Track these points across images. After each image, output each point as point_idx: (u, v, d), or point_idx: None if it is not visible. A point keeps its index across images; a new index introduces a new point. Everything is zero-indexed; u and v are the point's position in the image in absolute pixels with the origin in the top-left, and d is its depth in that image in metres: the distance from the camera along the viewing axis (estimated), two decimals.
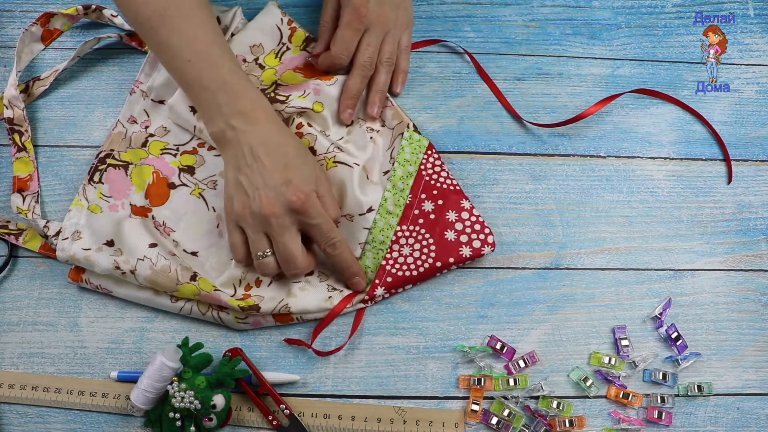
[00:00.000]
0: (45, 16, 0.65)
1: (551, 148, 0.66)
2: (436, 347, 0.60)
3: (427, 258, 0.59)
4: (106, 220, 0.59)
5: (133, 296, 0.58)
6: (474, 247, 0.59)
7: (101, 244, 0.58)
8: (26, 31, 0.64)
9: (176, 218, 0.60)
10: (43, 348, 0.59)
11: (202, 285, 0.56)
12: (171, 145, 0.63)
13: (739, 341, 0.61)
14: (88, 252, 0.57)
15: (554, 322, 0.61)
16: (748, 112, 0.69)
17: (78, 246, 0.57)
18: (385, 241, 0.59)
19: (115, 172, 0.61)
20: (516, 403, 0.58)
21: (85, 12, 0.66)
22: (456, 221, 0.60)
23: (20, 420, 0.57)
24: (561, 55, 0.69)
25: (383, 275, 0.59)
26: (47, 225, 0.59)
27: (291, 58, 0.65)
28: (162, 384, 0.53)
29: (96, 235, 0.58)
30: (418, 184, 0.61)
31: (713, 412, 0.60)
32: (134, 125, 0.63)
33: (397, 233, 0.60)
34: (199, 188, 0.61)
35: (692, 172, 0.66)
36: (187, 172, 0.62)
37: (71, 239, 0.57)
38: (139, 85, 0.64)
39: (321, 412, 0.58)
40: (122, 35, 0.66)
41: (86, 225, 0.58)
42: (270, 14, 0.65)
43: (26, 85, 0.65)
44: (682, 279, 0.63)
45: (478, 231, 0.60)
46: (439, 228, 0.60)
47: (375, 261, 0.59)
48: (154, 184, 0.61)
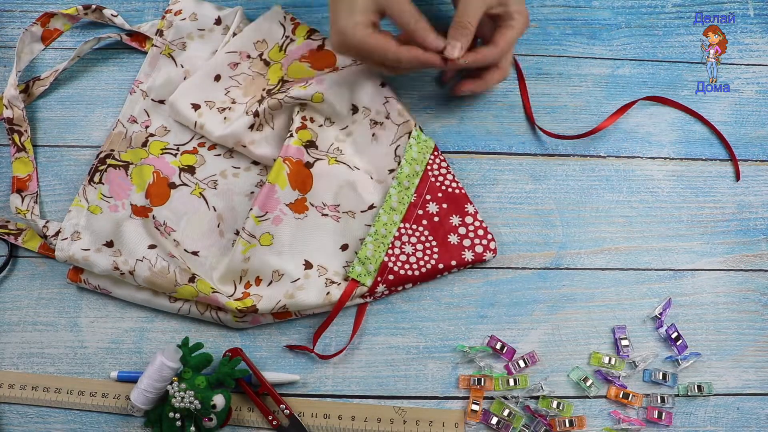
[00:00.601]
0: (45, 16, 0.65)
1: (551, 148, 0.66)
2: (436, 347, 0.60)
3: (430, 259, 0.59)
4: (105, 221, 0.59)
5: (132, 297, 0.58)
6: (476, 252, 0.60)
7: (100, 245, 0.58)
8: (26, 31, 0.64)
9: (176, 218, 0.60)
10: (43, 348, 0.59)
11: (201, 287, 0.56)
12: (171, 145, 0.63)
13: (739, 341, 0.62)
14: (87, 252, 0.57)
15: (554, 322, 0.61)
16: (748, 112, 0.69)
17: (77, 246, 0.57)
18: (387, 235, 0.59)
19: (115, 172, 0.61)
20: (516, 403, 0.58)
21: (85, 12, 0.66)
22: (459, 225, 0.60)
23: (20, 420, 0.57)
24: (561, 55, 0.69)
25: (385, 272, 0.59)
26: (46, 225, 0.59)
27: (296, 48, 0.64)
28: (162, 384, 0.53)
29: (95, 235, 0.58)
30: (424, 184, 0.61)
31: (713, 412, 0.60)
32: (134, 125, 0.63)
33: (400, 230, 0.59)
34: (199, 188, 0.61)
35: (692, 172, 0.66)
36: (187, 171, 0.62)
37: (70, 239, 0.58)
38: (140, 85, 0.64)
39: (321, 412, 0.58)
40: (122, 35, 0.66)
41: (86, 226, 0.59)
42: (273, 14, 0.65)
43: (26, 85, 0.65)
44: (682, 279, 0.63)
45: (481, 236, 0.60)
46: (443, 231, 0.60)
47: (376, 253, 0.59)
48: (155, 183, 0.61)
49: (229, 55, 0.64)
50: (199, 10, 0.66)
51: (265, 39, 0.65)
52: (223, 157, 0.63)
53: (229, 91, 0.63)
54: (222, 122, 0.61)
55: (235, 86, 0.63)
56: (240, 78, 0.64)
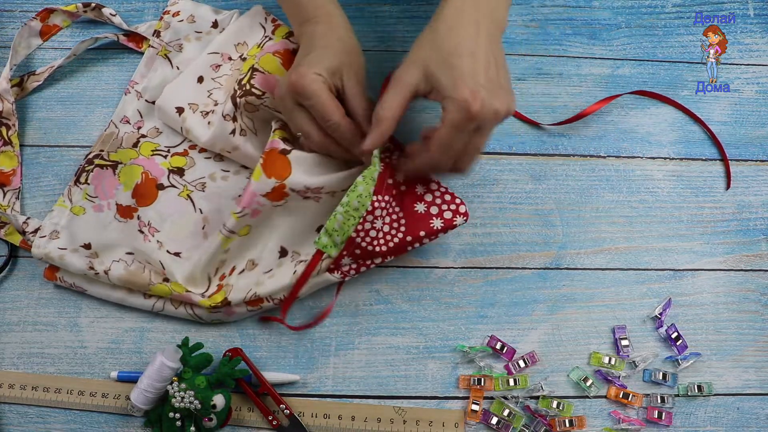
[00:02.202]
0: (45, 12, 0.65)
1: (551, 148, 0.66)
2: (436, 347, 0.60)
3: (397, 232, 0.56)
4: (87, 224, 0.59)
5: (107, 295, 0.59)
6: (445, 218, 0.56)
7: (78, 246, 0.58)
8: (25, 25, 0.64)
9: (161, 219, 0.60)
10: (43, 348, 0.59)
11: (174, 287, 0.57)
12: (162, 147, 0.63)
13: (739, 341, 0.62)
14: (63, 252, 0.57)
15: (554, 322, 0.61)
16: (748, 112, 0.69)
17: (54, 245, 0.57)
18: (359, 209, 0.54)
19: (103, 171, 0.61)
20: (516, 403, 0.58)
21: (85, 9, 0.66)
22: (425, 193, 0.57)
23: (20, 420, 0.57)
24: (561, 55, 0.69)
25: (351, 246, 0.56)
26: (27, 221, 0.59)
27: (272, 44, 0.62)
28: (162, 384, 0.53)
29: (74, 237, 0.58)
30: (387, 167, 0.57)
31: (713, 412, 0.60)
32: (127, 125, 0.63)
33: (374, 203, 0.54)
34: (187, 190, 0.61)
35: (692, 172, 0.66)
36: (176, 173, 0.62)
37: (48, 237, 0.58)
38: (135, 86, 0.64)
39: (321, 412, 0.58)
40: (119, 36, 0.66)
41: (66, 226, 0.59)
42: (255, 14, 0.65)
43: (21, 79, 0.64)
44: (682, 279, 0.63)
45: (449, 201, 0.57)
46: (408, 200, 0.57)
47: (345, 225, 0.55)
48: (143, 184, 0.60)
49: (212, 56, 0.64)
50: (197, 12, 0.66)
51: (246, 41, 0.64)
52: (213, 160, 0.62)
53: (211, 93, 0.63)
54: (206, 126, 0.61)
55: (217, 88, 0.63)
56: (222, 80, 0.63)
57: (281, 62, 0.59)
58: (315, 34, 0.55)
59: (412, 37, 0.69)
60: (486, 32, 0.50)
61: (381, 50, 0.68)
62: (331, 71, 0.52)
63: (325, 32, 0.55)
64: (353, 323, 0.60)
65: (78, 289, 0.59)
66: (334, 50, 0.54)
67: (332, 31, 0.55)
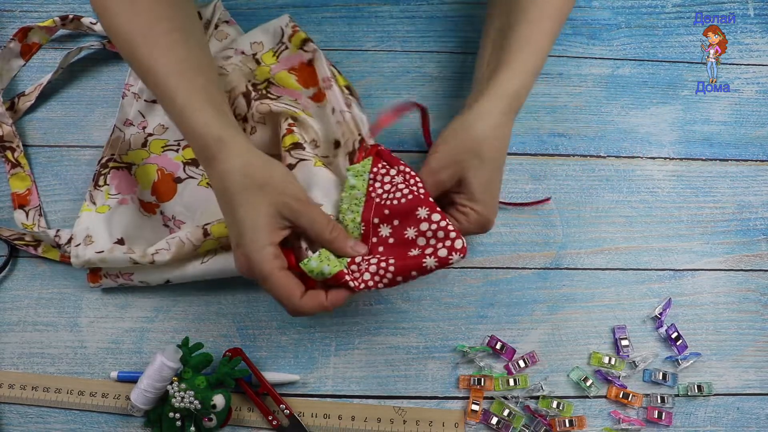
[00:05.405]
0: (21, 31, 0.64)
1: (551, 148, 0.66)
2: (436, 347, 0.60)
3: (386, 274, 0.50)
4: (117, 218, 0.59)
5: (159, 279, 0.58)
6: (440, 257, 0.50)
7: (112, 244, 0.57)
8: (5, 48, 0.63)
9: (190, 212, 0.60)
10: (43, 348, 0.59)
11: (216, 232, 0.55)
12: (171, 141, 0.63)
13: (739, 341, 0.62)
14: (101, 254, 0.56)
15: (554, 322, 0.61)
16: (748, 112, 0.69)
17: (91, 250, 0.57)
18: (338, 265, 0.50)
19: (119, 172, 0.61)
20: (516, 403, 0.58)
21: (63, 23, 0.65)
22: (417, 236, 0.51)
23: (20, 420, 0.57)
24: (561, 55, 0.69)
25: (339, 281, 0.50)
26: (58, 234, 0.58)
27: (287, 57, 0.64)
28: (162, 384, 0.53)
29: (107, 234, 0.58)
30: (369, 208, 0.53)
31: (713, 412, 0.60)
32: (131, 128, 0.63)
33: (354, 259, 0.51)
34: (206, 178, 0.61)
35: (692, 172, 0.66)
36: (191, 164, 0.62)
37: (83, 245, 0.57)
38: (130, 88, 0.64)
39: (321, 412, 0.58)
40: (105, 43, 0.66)
41: (95, 227, 0.58)
42: (279, 20, 0.65)
43: (11, 102, 0.64)
44: (682, 279, 0.63)
45: (442, 239, 0.50)
46: (400, 250, 0.51)
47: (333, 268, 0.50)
48: (160, 180, 0.61)
49: (226, 50, 0.64)
50: None
51: (263, 41, 0.65)
52: None
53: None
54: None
55: (223, 74, 0.63)
56: (229, 67, 0.63)
57: (296, 79, 0.62)
58: (227, 189, 0.48)
59: (413, 36, 0.70)
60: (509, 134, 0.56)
61: (381, 50, 0.68)
62: (273, 227, 0.48)
63: (235, 179, 0.48)
64: (353, 323, 0.60)
65: (126, 280, 0.58)
66: (257, 203, 0.48)
67: (238, 170, 0.48)
